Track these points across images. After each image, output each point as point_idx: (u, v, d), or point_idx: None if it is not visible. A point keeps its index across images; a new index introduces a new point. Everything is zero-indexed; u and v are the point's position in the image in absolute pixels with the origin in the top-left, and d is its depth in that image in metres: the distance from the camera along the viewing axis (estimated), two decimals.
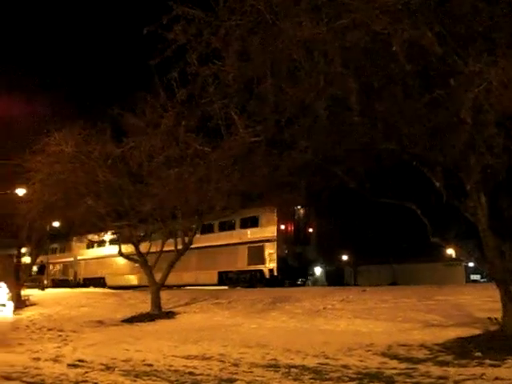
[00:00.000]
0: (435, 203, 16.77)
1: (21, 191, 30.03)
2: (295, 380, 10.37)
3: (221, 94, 14.53)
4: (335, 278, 68.81)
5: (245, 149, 19.58)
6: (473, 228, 14.93)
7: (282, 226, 35.92)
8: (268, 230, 33.66)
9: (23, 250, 38.58)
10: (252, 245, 30.90)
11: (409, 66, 11.94)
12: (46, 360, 13.67)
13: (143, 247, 28.69)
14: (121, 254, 29.89)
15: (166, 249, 28.09)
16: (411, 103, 13.29)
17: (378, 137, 14.71)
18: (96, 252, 54.09)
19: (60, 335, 19.95)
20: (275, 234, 35.42)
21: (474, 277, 60.18)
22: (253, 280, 37.44)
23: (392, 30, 11.20)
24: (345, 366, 11.50)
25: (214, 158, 20.91)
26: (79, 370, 11.95)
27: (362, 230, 58.40)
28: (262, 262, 35.68)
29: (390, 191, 18.18)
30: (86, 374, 11.42)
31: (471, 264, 54.98)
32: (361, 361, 12.15)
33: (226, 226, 31.73)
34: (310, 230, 39.77)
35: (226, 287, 38.28)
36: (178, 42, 12.87)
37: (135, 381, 10.70)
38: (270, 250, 35.42)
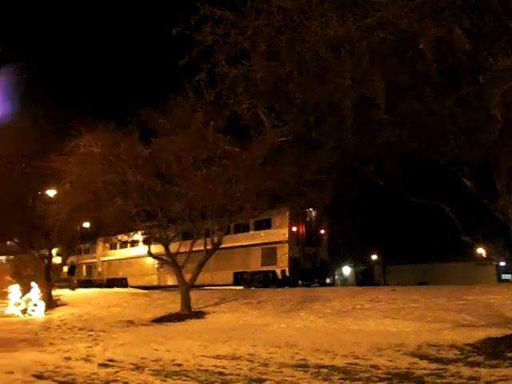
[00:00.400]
0: (465, 202, 16.65)
1: (51, 192, 30.33)
2: (325, 380, 10.33)
3: (249, 94, 14.52)
4: (364, 278, 68.58)
5: (273, 149, 19.64)
6: (503, 227, 14.78)
7: (294, 228, 36.48)
8: (280, 232, 34.18)
9: (54, 251, 38.88)
10: (265, 246, 31.39)
11: (436, 64, 11.84)
12: (77, 359, 13.75)
13: (172, 247, 28.78)
14: (150, 254, 30.02)
15: (194, 249, 28.19)
16: (440, 101, 13.20)
17: (406, 135, 14.62)
18: (118, 253, 55.96)
19: (90, 335, 20.09)
20: (287, 236, 36.06)
21: (505, 276, 59.61)
22: (266, 280, 38.10)
23: (419, 28, 11.13)
24: (374, 366, 11.44)
25: (242, 158, 20.98)
26: (110, 370, 12.01)
27: (391, 230, 58.12)
28: (275, 263, 36.34)
29: (418, 190, 18.07)
30: (117, 374, 11.47)
31: (502, 263, 54.54)
32: (390, 361, 12.08)
33: (241, 228, 32.10)
34: (322, 231, 40.30)
35: (241, 287, 38.97)
36: (206, 43, 12.90)
37: (165, 380, 10.72)
38: (282, 252, 36.06)
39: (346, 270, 78.22)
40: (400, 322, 18.70)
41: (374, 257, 71.89)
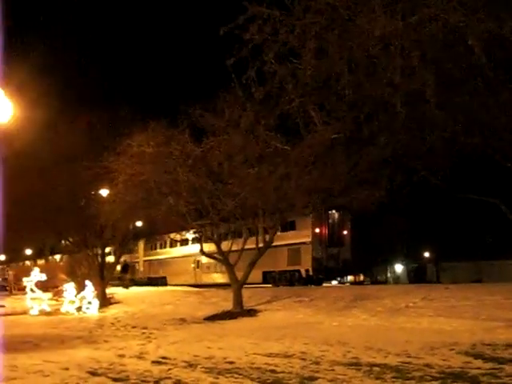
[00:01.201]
0: None
1: (104, 192, 30.75)
2: (377, 379, 10.23)
3: (299, 92, 14.49)
4: (417, 276, 67.85)
5: (324, 146, 19.55)
6: None
7: (317, 230, 38.20)
8: (304, 234, 35.45)
9: (107, 250, 39.43)
10: (290, 247, 32.49)
11: (485, 59, 11.62)
12: (131, 357, 13.89)
13: (224, 246, 28.93)
14: (203, 252, 30.20)
15: (245, 247, 28.36)
16: (493, 96, 12.99)
17: (459, 131, 14.44)
18: (159, 254, 60.51)
19: (144, 333, 20.28)
20: (310, 238, 37.09)
21: None
22: (292, 279, 40.44)
23: (469, 22, 10.94)
24: (427, 365, 11.29)
25: (293, 156, 20.95)
26: (163, 367, 12.09)
27: (444, 227, 57.40)
28: (300, 262, 37.85)
29: (472, 186, 17.84)
30: (170, 371, 11.54)
31: None
32: (444, 360, 11.91)
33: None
34: (345, 232, 42.41)
35: (269, 285, 40.95)
36: (254, 42, 12.91)
37: (217, 378, 10.75)
38: (306, 252, 37.21)
39: (398, 268, 77.51)
40: (454, 320, 18.44)
41: (427, 254, 71.05)
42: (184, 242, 52.92)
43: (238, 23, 12.46)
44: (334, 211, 36.21)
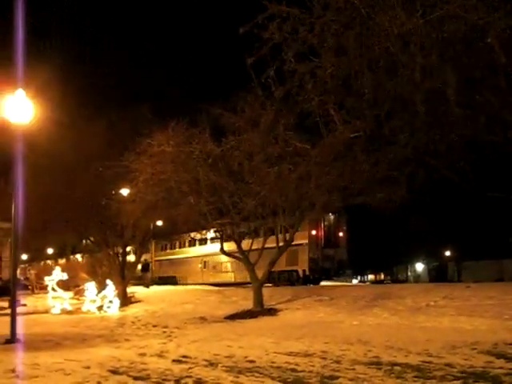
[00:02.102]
0: None
1: (125, 191, 30.89)
2: (398, 378, 10.19)
3: (318, 90, 14.47)
4: (438, 274, 67.62)
5: (344, 145, 19.49)
6: None
7: (313, 232, 40.01)
8: (301, 236, 35.72)
9: (128, 249, 39.59)
10: (289, 248, 32.54)
11: (504, 57, 11.52)
12: (152, 355, 13.92)
13: (244, 245, 29.00)
14: (223, 251, 30.27)
15: (264, 246, 28.52)
16: None
17: (480, 129, 14.34)
18: (169, 254, 64.38)
19: (164, 331, 20.32)
20: (307, 239, 37.91)
21: None
22: (291, 279, 42.60)
23: (488, 20, 10.86)
24: (449, 365, 11.23)
25: (313, 155, 20.90)
26: (183, 366, 12.11)
27: (466, 225, 57.15)
28: (297, 263, 38.99)
29: (494, 184, 17.71)
30: (190, 370, 11.56)
31: None
32: (465, 359, 11.84)
33: (269, 232, 33.16)
34: (340, 234, 45.10)
35: (270, 285, 41.46)
36: (274, 41, 12.91)
37: (238, 377, 10.75)
38: (303, 253, 38.23)
39: (419, 267, 77.28)
40: (475, 319, 18.34)
41: (448, 253, 70.77)
42: (192, 243, 58.00)
43: (257, 22, 12.47)
44: (330, 214, 37.26)
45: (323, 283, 42.72)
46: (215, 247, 42.18)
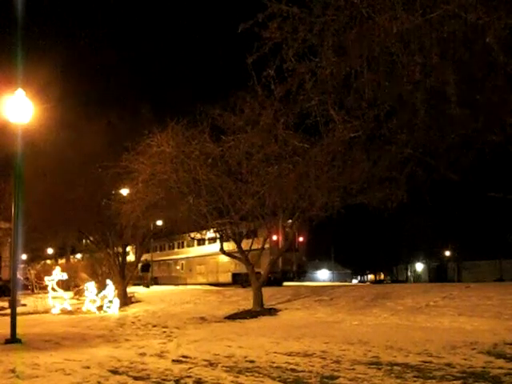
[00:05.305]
0: None
1: (124, 191, 30.89)
2: (398, 378, 10.20)
3: (318, 90, 14.43)
4: (438, 274, 67.65)
5: (344, 144, 19.52)
6: None
7: (274, 237, 41.21)
8: (263, 241, 36.04)
9: (128, 249, 39.60)
10: (254, 252, 33.11)
11: (503, 57, 11.49)
12: (151, 355, 13.93)
13: (244, 245, 29.03)
14: (223, 251, 30.25)
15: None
16: None
17: (480, 128, 14.33)
18: (166, 255, 69.99)
19: (164, 331, 20.33)
20: (268, 244, 39.56)
21: None
22: None
23: (488, 19, 10.85)
24: (448, 365, 11.24)
25: (313, 154, 20.90)
26: (183, 366, 12.11)
27: (466, 226, 57.18)
28: (260, 266, 39.98)
29: (495, 184, 17.71)
30: (190, 370, 11.56)
31: None
32: (465, 359, 11.84)
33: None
34: (300, 239, 49.88)
35: (238, 286, 47.34)
36: (274, 40, 12.90)
37: (238, 377, 10.75)
38: (265, 257, 39.70)
39: (419, 267, 77.27)
40: (475, 319, 18.35)
41: (448, 253, 70.78)
42: (171, 247, 68.11)
43: (257, 21, 12.46)
44: (290, 220, 37.97)
45: (285, 283, 47.03)
46: (193, 250, 57.94)
